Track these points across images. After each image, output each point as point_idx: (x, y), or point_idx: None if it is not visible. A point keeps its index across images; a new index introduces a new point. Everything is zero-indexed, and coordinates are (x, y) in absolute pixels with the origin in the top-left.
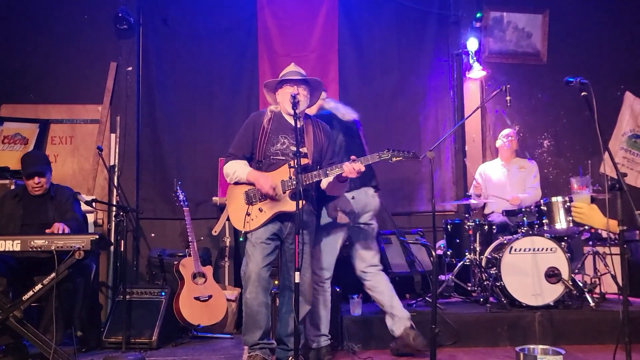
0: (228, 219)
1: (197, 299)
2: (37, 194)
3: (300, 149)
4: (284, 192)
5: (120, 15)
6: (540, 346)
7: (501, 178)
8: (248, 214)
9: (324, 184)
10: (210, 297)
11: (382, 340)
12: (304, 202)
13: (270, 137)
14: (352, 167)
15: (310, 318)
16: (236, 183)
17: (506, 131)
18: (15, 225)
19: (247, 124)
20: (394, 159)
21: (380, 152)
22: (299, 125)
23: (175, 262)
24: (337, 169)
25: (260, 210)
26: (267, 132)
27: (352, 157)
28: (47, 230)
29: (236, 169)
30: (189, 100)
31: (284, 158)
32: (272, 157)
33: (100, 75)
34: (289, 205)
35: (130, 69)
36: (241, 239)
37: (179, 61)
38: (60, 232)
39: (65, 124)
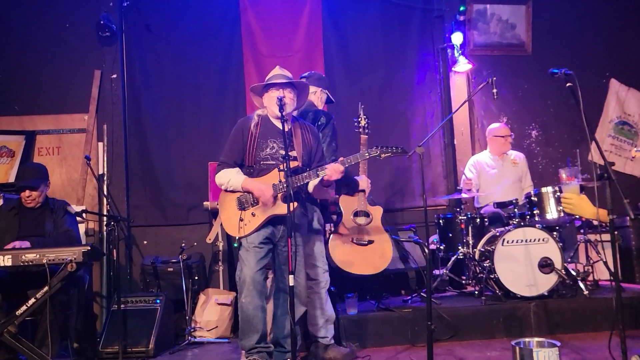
0: (221, 225)
1: (354, 241)
2: (32, 207)
3: (290, 153)
4: (276, 196)
5: (102, 22)
6: (536, 339)
7: (495, 172)
8: (241, 220)
9: (310, 187)
10: (370, 242)
11: (379, 338)
12: (296, 204)
13: (259, 142)
14: (332, 168)
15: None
16: (232, 191)
17: (501, 127)
18: (10, 238)
19: (236, 131)
20: (382, 156)
21: (369, 150)
22: (286, 128)
23: None
24: (322, 171)
25: (253, 214)
26: (256, 137)
27: (341, 158)
28: (5, 247)
29: (230, 177)
30: (176, 105)
31: (274, 162)
32: (262, 162)
33: (85, 84)
34: (281, 209)
35: (114, 76)
36: (235, 245)
37: (163, 66)
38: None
39: (51, 135)
